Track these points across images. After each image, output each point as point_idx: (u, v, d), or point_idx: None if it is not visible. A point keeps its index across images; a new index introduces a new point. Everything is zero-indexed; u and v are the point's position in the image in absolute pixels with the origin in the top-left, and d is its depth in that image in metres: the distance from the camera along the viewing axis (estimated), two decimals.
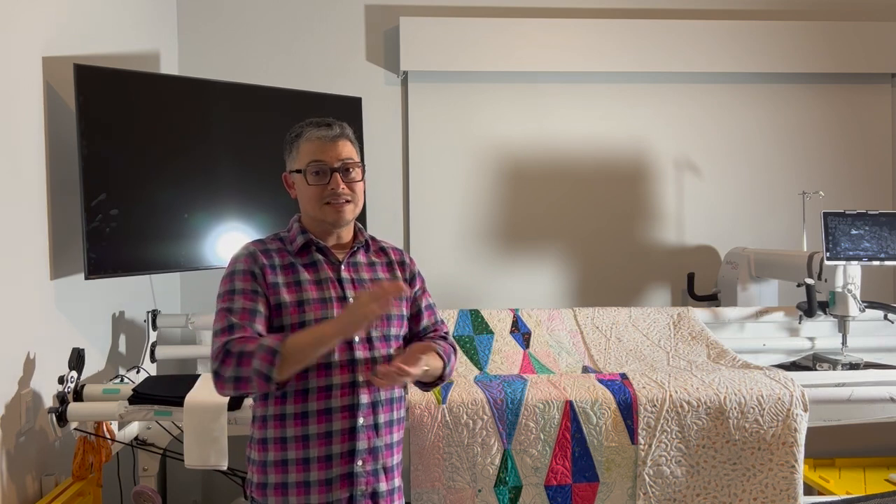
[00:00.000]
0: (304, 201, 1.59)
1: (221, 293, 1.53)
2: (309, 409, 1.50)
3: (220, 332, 1.48)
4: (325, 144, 1.57)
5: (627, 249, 3.45)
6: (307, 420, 1.50)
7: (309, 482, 1.49)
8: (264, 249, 1.57)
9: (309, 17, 3.34)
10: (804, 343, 2.73)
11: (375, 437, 1.54)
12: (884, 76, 3.49)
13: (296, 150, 1.60)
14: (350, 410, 1.51)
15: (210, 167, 2.61)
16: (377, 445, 1.54)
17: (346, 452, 1.51)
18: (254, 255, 1.55)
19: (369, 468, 1.53)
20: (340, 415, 1.51)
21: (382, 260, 1.67)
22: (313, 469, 1.49)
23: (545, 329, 2.61)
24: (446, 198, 3.39)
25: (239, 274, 1.53)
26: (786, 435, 2.05)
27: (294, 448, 1.50)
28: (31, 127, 2.06)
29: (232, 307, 1.49)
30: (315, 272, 1.57)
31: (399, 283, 1.45)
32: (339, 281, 1.57)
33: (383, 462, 1.55)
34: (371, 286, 1.58)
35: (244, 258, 1.55)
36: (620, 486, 2.04)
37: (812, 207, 3.04)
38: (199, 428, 1.94)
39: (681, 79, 3.43)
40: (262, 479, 1.53)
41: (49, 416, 1.98)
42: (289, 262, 1.57)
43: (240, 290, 1.51)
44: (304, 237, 1.59)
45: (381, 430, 1.55)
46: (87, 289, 2.36)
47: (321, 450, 1.49)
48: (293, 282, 1.55)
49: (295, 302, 1.52)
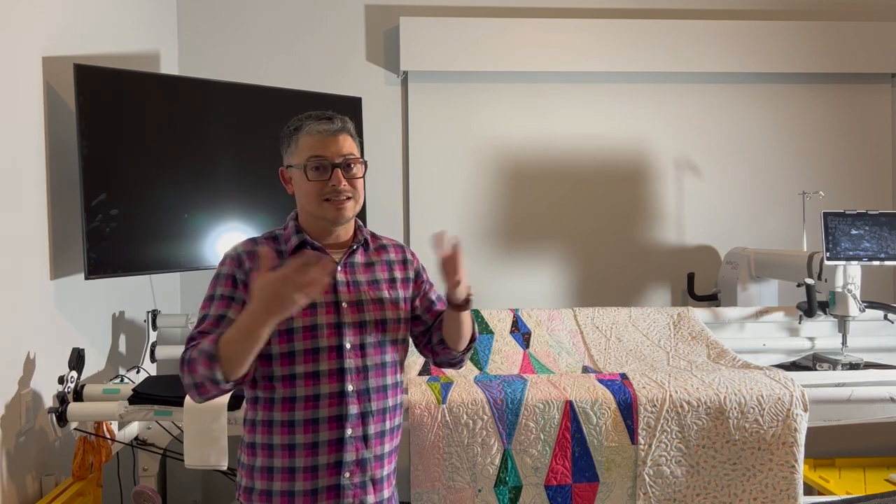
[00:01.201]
0: (303, 198, 1.52)
1: (206, 295, 1.49)
2: (296, 419, 1.45)
3: (187, 342, 1.43)
4: (326, 139, 1.50)
5: (627, 249, 3.45)
6: (293, 429, 1.45)
7: (293, 492, 1.44)
8: (253, 251, 1.50)
9: (309, 17, 3.35)
10: (804, 343, 2.72)
11: (364, 448, 1.48)
12: (884, 76, 3.49)
13: (294, 143, 1.52)
14: (338, 421, 1.46)
15: (210, 167, 2.61)
16: (365, 457, 1.48)
17: (333, 464, 1.45)
18: (240, 257, 1.49)
19: (357, 480, 1.47)
20: (328, 425, 1.45)
21: (382, 258, 1.60)
22: (298, 479, 1.44)
23: (545, 329, 2.61)
24: (446, 198, 3.39)
25: (221, 278, 1.48)
26: (786, 435, 2.05)
27: (280, 456, 1.45)
28: (31, 127, 2.06)
29: (206, 314, 1.45)
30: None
31: (325, 264, 1.31)
32: (332, 284, 1.50)
33: (371, 474, 1.49)
34: (368, 289, 1.53)
35: (230, 260, 1.50)
36: (620, 486, 2.04)
37: (812, 207, 3.04)
38: (199, 428, 1.94)
39: (681, 79, 3.44)
40: (249, 483, 1.49)
41: (49, 416, 1.98)
42: (279, 265, 1.48)
43: (217, 296, 1.47)
44: (299, 237, 1.52)
45: (370, 441, 1.49)
46: (87, 289, 2.36)
47: (307, 460, 1.44)
48: None
49: None
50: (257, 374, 1.50)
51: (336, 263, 1.52)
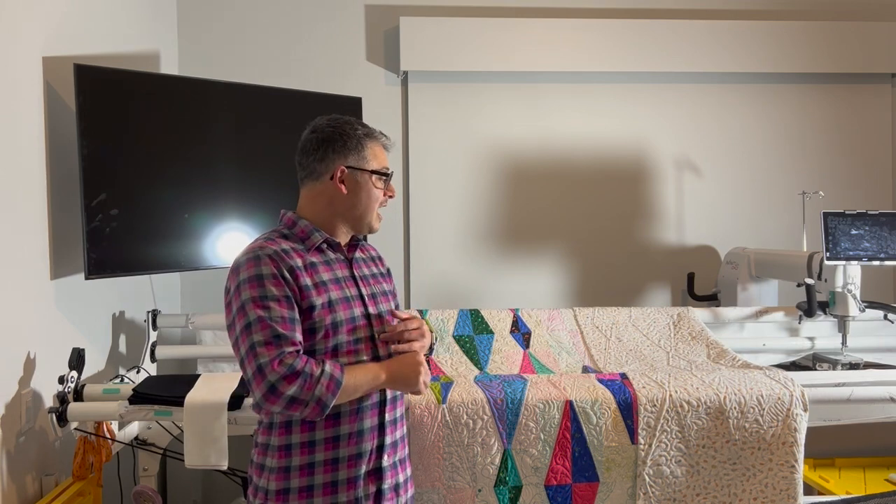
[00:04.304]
0: (361, 201, 1.60)
1: (250, 298, 1.44)
2: (342, 410, 1.51)
3: (266, 344, 1.41)
4: (386, 155, 1.64)
5: (627, 249, 3.45)
6: (339, 420, 1.51)
7: (337, 482, 1.51)
8: (280, 251, 1.50)
9: (309, 17, 3.34)
10: (804, 343, 2.73)
11: (395, 430, 1.61)
12: (884, 76, 3.49)
13: (366, 148, 1.59)
14: (380, 407, 1.57)
15: (210, 167, 2.61)
16: (396, 439, 1.61)
17: (376, 447, 1.55)
18: (278, 256, 1.48)
19: (392, 461, 1.58)
20: (370, 413, 1.54)
21: (368, 255, 1.72)
22: (342, 468, 1.51)
23: (545, 329, 2.61)
24: (446, 198, 3.39)
25: (269, 278, 1.45)
26: (786, 435, 2.05)
27: (323, 450, 1.51)
28: (31, 127, 2.06)
29: (271, 315, 1.43)
30: (331, 271, 1.57)
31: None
32: (353, 278, 1.61)
33: (400, 454, 1.62)
34: (374, 283, 1.65)
35: (268, 260, 1.47)
36: (620, 485, 2.04)
37: (812, 207, 3.04)
38: (199, 428, 1.94)
39: (681, 79, 3.44)
40: (282, 484, 1.49)
41: (49, 415, 1.98)
42: (309, 262, 1.53)
43: (273, 297, 1.44)
44: (321, 235, 1.57)
45: (397, 424, 1.62)
46: (87, 289, 2.36)
47: (351, 448, 1.52)
48: (318, 282, 1.52)
49: (326, 303, 1.51)
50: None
51: (351, 259, 1.64)
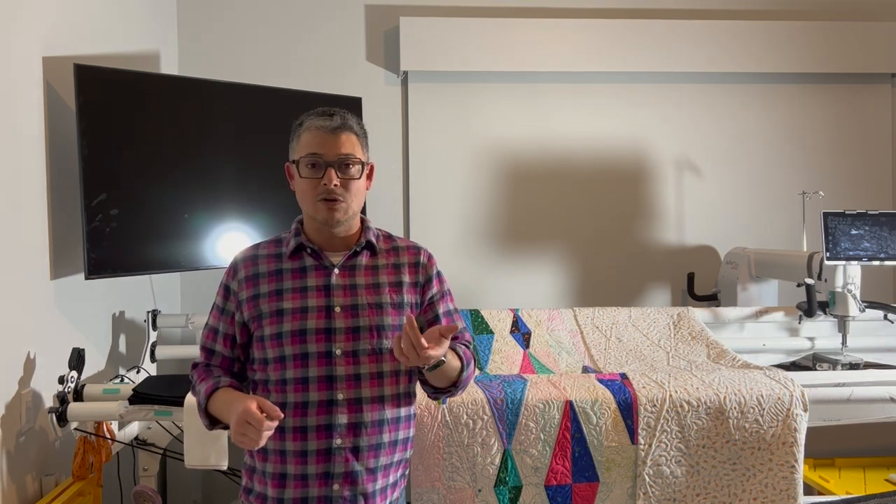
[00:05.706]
0: (298, 195, 1.50)
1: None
2: (286, 425, 1.41)
3: (201, 348, 1.57)
4: (325, 136, 1.44)
5: (627, 249, 3.45)
6: (284, 436, 1.41)
7: (283, 499, 1.42)
8: (253, 256, 1.52)
9: (309, 17, 3.34)
10: (804, 343, 2.72)
11: (355, 460, 1.41)
12: (884, 76, 3.49)
13: (296, 138, 1.49)
14: (327, 430, 1.41)
15: (210, 167, 2.61)
16: (356, 470, 1.41)
17: (322, 474, 1.41)
18: (236, 266, 1.53)
19: (347, 493, 1.41)
20: (316, 434, 1.41)
21: (391, 261, 1.52)
22: (289, 486, 1.42)
23: (545, 329, 2.61)
24: (446, 198, 3.39)
25: (221, 287, 1.55)
26: (786, 435, 2.05)
27: (273, 461, 1.44)
28: (31, 127, 2.06)
29: (207, 323, 1.56)
30: (301, 279, 1.47)
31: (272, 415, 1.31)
32: (326, 287, 1.46)
33: (363, 488, 1.42)
34: (366, 293, 1.47)
35: (228, 270, 1.54)
36: (620, 486, 2.04)
37: (812, 207, 3.03)
38: (199, 428, 1.94)
39: (681, 79, 3.43)
40: (248, 484, 1.51)
41: (49, 416, 1.98)
42: (275, 269, 1.48)
43: (215, 306, 1.55)
44: (297, 240, 1.50)
45: (362, 454, 1.42)
46: (87, 289, 2.36)
47: (297, 468, 1.41)
48: (275, 291, 1.46)
49: (273, 312, 1.44)
50: (255, 377, 1.50)
51: (334, 266, 1.49)
